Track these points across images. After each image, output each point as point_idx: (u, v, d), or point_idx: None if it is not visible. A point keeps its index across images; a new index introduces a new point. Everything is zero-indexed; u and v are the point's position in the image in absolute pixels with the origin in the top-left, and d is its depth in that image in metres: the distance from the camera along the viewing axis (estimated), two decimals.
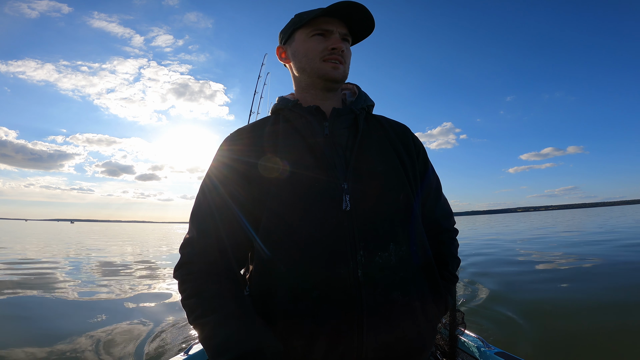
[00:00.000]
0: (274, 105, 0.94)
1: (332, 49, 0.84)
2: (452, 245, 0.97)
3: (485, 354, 1.30)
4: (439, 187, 0.99)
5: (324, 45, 0.85)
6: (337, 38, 0.85)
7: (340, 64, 0.85)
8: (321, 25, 0.85)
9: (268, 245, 0.74)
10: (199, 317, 0.68)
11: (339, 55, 0.85)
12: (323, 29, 0.85)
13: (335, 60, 0.85)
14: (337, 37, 0.85)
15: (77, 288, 6.05)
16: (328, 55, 0.84)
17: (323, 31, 0.85)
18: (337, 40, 0.85)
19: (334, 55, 0.84)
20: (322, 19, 0.85)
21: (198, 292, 0.71)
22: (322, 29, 0.85)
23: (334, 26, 0.85)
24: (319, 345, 0.70)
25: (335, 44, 0.84)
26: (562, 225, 23.73)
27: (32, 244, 16.62)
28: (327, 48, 0.84)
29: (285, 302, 0.71)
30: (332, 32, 0.85)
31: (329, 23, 0.85)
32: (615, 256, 7.57)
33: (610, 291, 4.67)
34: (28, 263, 9.41)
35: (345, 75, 0.87)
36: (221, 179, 0.82)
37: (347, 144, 0.83)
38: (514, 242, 12.82)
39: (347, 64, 0.88)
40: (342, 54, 0.85)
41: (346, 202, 0.75)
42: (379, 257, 0.74)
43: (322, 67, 0.85)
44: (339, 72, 0.86)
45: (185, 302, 0.72)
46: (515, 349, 2.95)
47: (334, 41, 0.84)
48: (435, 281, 0.83)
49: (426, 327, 0.79)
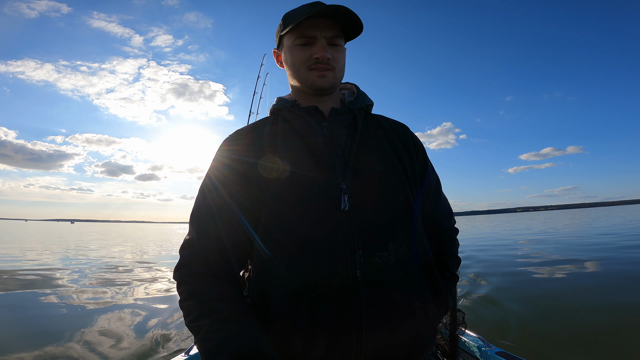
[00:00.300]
0: (273, 106, 0.93)
1: (316, 59, 0.81)
2: (452, 245, 0.96)
3: (486, 354, 1.30)
4: (438, 187, 0.99)
5: (308, 53, 0.82)
6: (321, 45, 0.81)
7: (327, 71, 0.82)
8: (305, 31, 0.81)
9: (267, 245, 0.74)
10: (195, 319, 0.68)
11: (325, 63, 0.82)
12: (307, 35, 0.81)
13: (321, 69, 0.82)
14: (322, 43, 0.81)
15: (79, 288, 6.05)
16: (313, 64, 0.82)
17: (307, 38, 0.82)
18: (321, 48, 0.80)
19: (319, 65, 0.81)
20: (306, 22, 0.80)
21: (195, 294, 0.71)
22: (306, 35, 0.81)
23: (317, 30, 0.81)
24: (318, 345, 0.69)
25: (318, 52, 0.80)
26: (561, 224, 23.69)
27: (33, 245, 16.59)
28: (311, 57, 0.81)
29: (284, 302, 0.71)
30: (316, 39, 0.81)
31: (313, 27, 0.81)
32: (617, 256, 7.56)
33: (613, 289, 4.68)
34: (31, 263, 9.41)
35: (334, 82, 0.85)
36: (221, 180, 0.82)
37: (346, 144, 0.82)
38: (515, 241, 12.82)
39: (338, 67, 0.84)
40: (328, 61, 0.82)
41: (345, 202, 0.75)
42: (378, 257, 0.74)
43: (308, 77, 0.83)
44: (326, 81, 0.83)
45: (182, 304, 0.72)
46: (515, 347, 2.95)
47: (318, 49, 0.81)
48: (435, 281, 0.82)
49: (426, 327, 0.79)
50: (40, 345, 3.25)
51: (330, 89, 0.85)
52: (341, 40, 0.85)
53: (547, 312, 3.95)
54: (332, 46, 0.83)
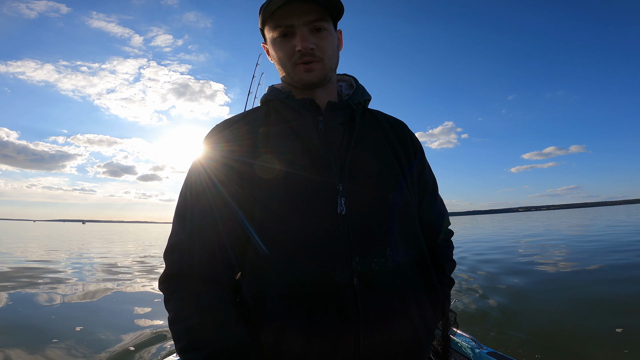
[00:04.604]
0: (264, 96, 0.87)
1: (299, 51, 0.74)
2: (448, 248, 0.94)
3: (477, 354, 1.29)
4: (435, 188, 0.95)
5: (290, 46, 0.75)
6: (301, 34, 0.74)
7: (314, 63, 0.76)
8: (280, 20, 0.74)
9: (261, 248, 0.70)
10: (184, 350, 0.63)
11: (310, 55, 0.75)
12: (284, 25, 0.74)
13: (307, 61, 0.75)
14: (301, 32, 0.74)
15: (85, 286, 6.11)
16: (298, 58, 0.75)
17: (285, 28, 0.74)
18: (302, 39, 0.73)
19: (304, 58, 0.75)
20: (279, 12, 0.73)
21: (185, 317, 0.65)
22: (284, 25, 0.74)
23: (294, 18, 0.73)
24: (313, 352, 0.67)
25: (299, 44, 0.73)
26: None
27: (64, 247, 16.27)
28: (294, 50, 0.75)
29: (281, 304, 0.68)
30: (295, 28, 0.74)
31: (289, 16, 0.73)
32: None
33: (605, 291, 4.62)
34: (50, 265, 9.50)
35: (323, 74, 0.78)
36: (210, 175, 0.75)
37: (342, 142, 0.79)
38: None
39: (327, 56, 0.77)
40: (312, 51, 0.75)
41: (341, 206, 0.72)
42: (375, 264, 0.71)
43: (295, 73, 0.77)
44: (314, 75, 0.77)
45: (171, 326, 0.66)
46: (508, 348, 2.93)
47: (298, 40, 0.74)
48: (432, 286, 0.80)
49: (423, 333, 0.77)
50: (37, 345, 3.29)
51: (321, 82, 0.79)
52: (326, 24, 0.76)
53: (539, 310, 3.91)
54: (316, 32, 0.75)
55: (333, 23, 0.80)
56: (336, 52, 0.81)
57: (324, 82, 0.80)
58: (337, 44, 0.81)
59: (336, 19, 0.80)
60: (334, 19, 0.80)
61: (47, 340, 3.41)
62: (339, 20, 0.82)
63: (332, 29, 0.80)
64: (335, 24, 0.81)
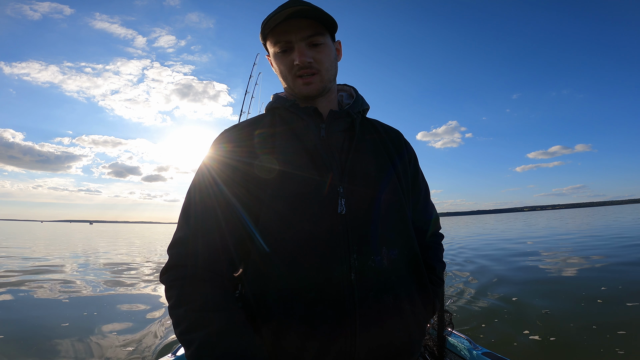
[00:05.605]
0: (270, 103, 0.92)
1: (297, 65, 0.79)
2: (438, 250, 0.98)
3: (473, 355, 1.30)
4: (427, 193, 1.01)
5: (289, 60, 0.80)
6: (299, 49, 0.79)
7: (312, 76, 0.81)
8: (280, 37, 0.80)
9: (263, 246, 0.74)
10: (185, 332, 0.65)
11: (308, 68, 0.80)
12: (283, 40, 0.79)
13: (305, 74, 0.80)
14: (299, 47, 0.79)
15: (91, 285, 6.17)
16: (297, 71, 0.80)
17: (285, 45, 0.80)
18: (300, 54, 0.78)
19: (302, 70, 0.80)
20: (278, 29, 0.79)
21: (186, 301, 0.67)
22: (283, 41, 0.80)
23: (292, 34, 0.79)
24: (312, 345, 0.70)
25: (297, 58, 0.79)
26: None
27: (85, 248, 16.39)
28: (293, 64, 0.80)
29: (281, 301, 0.71)
30: (293, 43, 0.79)
31: (287, 32, 0.79)
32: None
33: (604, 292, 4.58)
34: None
35: (322, 85, 0.83)
36: (215, 175, 0.79)
37: (343, 146, 0.83)
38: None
39: (324, 68, 0.82)
40: (310, 64, 0.80)
41: (342, 206, 0.76)
42: (371, 261, 0.75)
43: (295, 85, 0.82)
44: (313, 87, 0.82)
45: (171, 311, 0.68)
46: (503, 349, 2.92)
47: (296, 55, 0.79)
48: (424, 285, 0.84)
49: (416, 329, 0.80)
50: (38, 344, 3.33)
51: (320, 93, 0.84)
52: (323, 37, 0.81)
53: (536, 311, 3.88)
54: (313, 46, 0.80)
55: (330, 35, 0.85)
56: (334, 63, 0.86)
57: (324, 93, 0.85)
58: (334, 55, 0.86)
59: (333, 31, 0.85)
60: (331, 32, 0.85)
61: (50, 339, 3.47)
62: (335, 33, 0.86)
63: (330, 42, 0.84)
64: (332, 36, 0.86)
